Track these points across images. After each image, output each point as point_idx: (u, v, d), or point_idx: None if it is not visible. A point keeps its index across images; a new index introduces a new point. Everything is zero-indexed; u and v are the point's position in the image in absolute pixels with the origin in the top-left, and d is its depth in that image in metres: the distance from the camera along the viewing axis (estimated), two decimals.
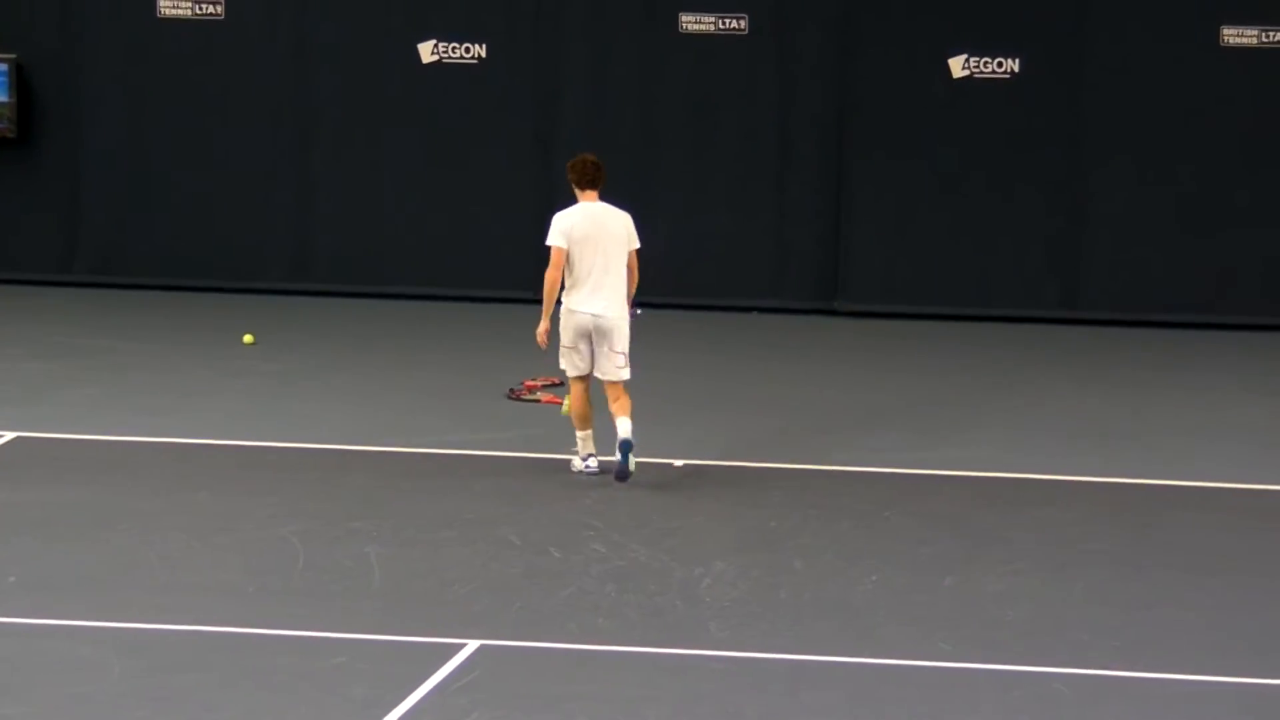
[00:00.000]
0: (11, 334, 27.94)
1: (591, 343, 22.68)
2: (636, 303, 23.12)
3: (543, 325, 22.54)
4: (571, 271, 22.79)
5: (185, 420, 24.76)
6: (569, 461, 23.17)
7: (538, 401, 23.85)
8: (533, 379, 23.85)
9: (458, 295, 26.41)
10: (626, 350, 22.64)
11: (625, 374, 22.68)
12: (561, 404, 23.63)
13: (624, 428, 22.56)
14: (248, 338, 27.17)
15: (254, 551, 21.04)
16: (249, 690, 17.73)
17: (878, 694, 17.90)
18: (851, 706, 17.71)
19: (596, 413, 23.04)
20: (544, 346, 22.71)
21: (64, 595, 19.72)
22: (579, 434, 23.04)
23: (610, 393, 22.74)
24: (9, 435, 23.71)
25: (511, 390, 25.06)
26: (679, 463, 23.29)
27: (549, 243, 22.46)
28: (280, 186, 29.13)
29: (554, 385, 23.92)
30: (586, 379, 22.74)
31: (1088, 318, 28.39)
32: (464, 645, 18.52)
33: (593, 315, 22.72)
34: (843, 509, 22.38)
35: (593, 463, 22.97)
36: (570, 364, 22.77)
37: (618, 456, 22.61)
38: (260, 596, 19.75)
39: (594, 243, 22.76)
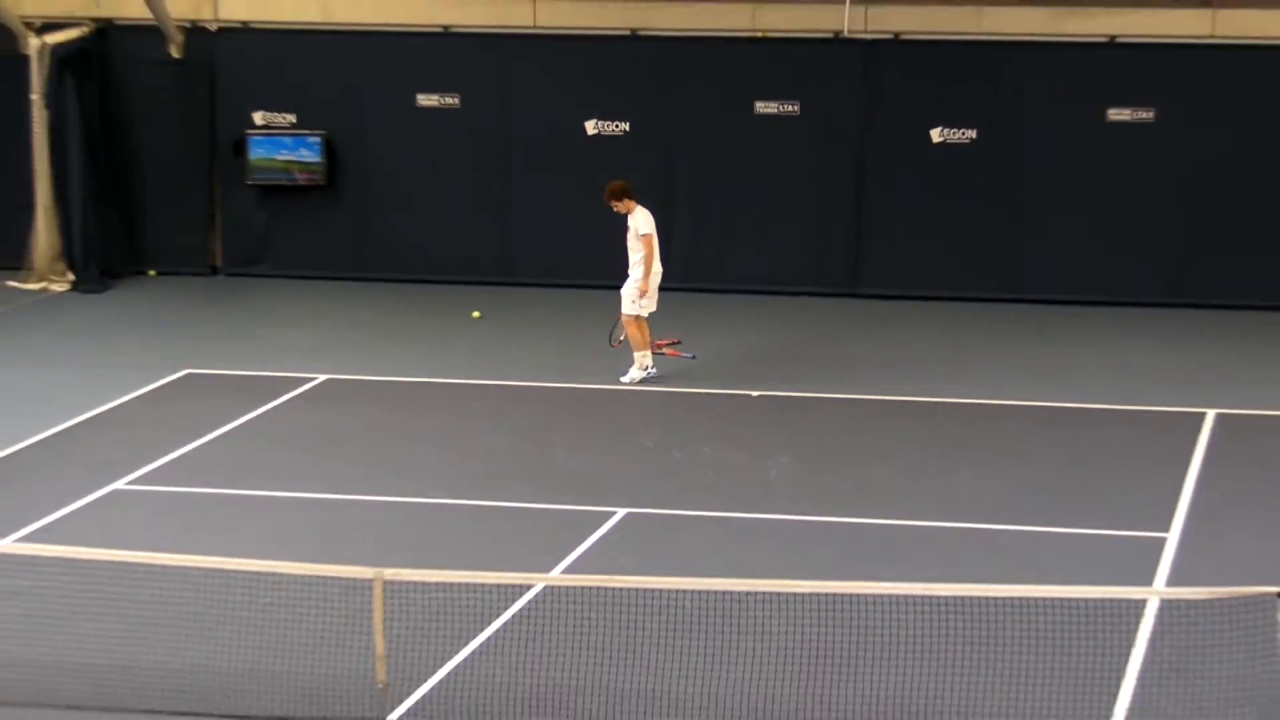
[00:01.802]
0: (324, 312, 28.12)
1: None
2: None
3: (645, 285, 23.19)
4: (652, 238, 23.39)
5: (437, 366, 24.80)
6: (630, 376, 23.67)
7: (663, 354, 23.76)
8: (660, 339, 23.79)
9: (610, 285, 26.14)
10: None
11: None
12: (678, 355, 23.87)
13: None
14: (475, 313, 27.22)
15: (480, 451, 21.43)
16: (475, 543, 18.48)
17: (887, 541, 18.35)
18: (872, 549, 18.24)
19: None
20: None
21: (361, 480, 20.18)
22: (642, 354, 23.57)
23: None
24: (322, 377, 23.91)
25: (658, 344, 24.00)
26: (755, 393, 23.34)
27: (650, 232, 23.26)
28: (492, 211, 28.96)
29: (674, 343, 23.90)
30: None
31: (1018, 296, 27.96)
32: (615, 512, 18.96)
33: (661, 275, 23.47)
34: (867, 424, 22.59)
35: (653, 370, 23.62)
36: (647, 308, 23.35)
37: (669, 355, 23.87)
38: (484, 480, 20.22)
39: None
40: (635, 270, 23.33)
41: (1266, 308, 27.19)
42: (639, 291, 23.29)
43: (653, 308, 23.52)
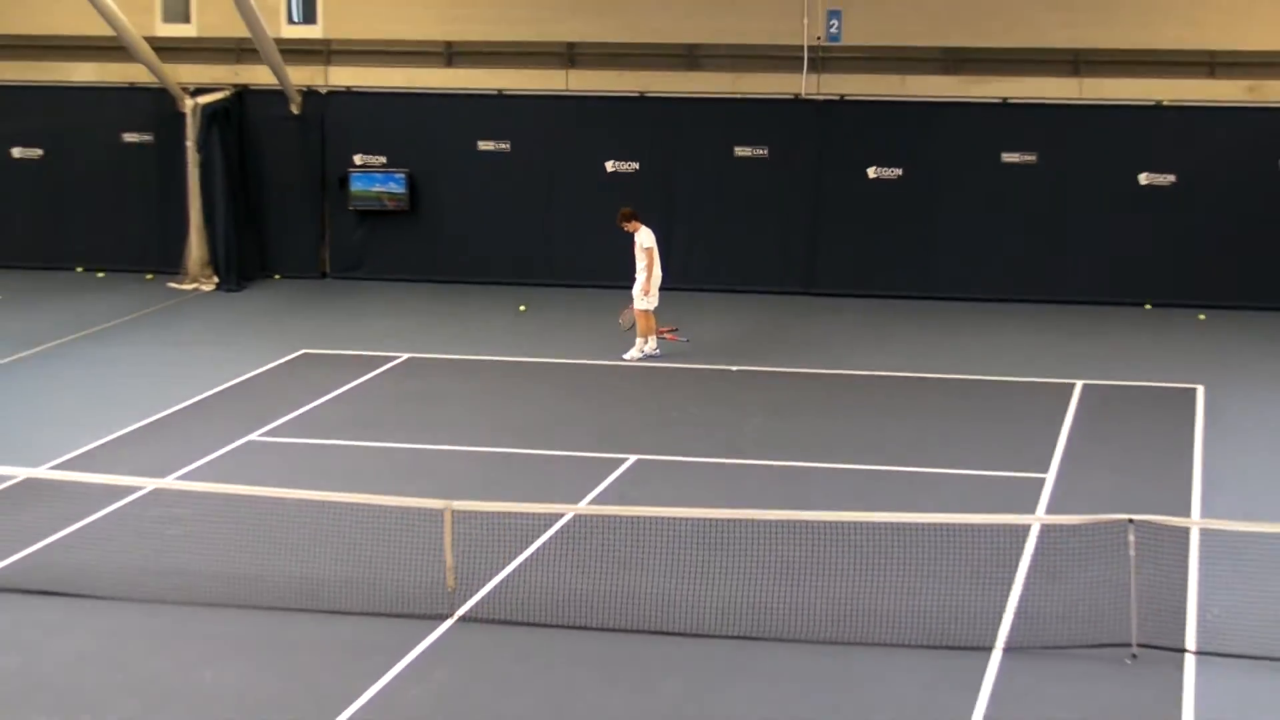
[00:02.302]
0: (407, 306, 27.63)
1: None
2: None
3: (648, 286, 23.34)
4: (654, 250, 23.33)
5: (491, 347, 24.53)
6: (631, 354, 23.41)
7: (664, 338, 23.74)
8: (662, 327, 23.77)
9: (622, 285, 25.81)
10: None
11: None
12: (676, 339, 23.85)
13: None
14: (521, 307, 27.10)
15: (523, 412, 21.43)
16: (520, 481, 18.36)
17: (834, 480, 18.20)
18: (822, 486, 18.10)
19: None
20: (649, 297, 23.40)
21: (435, 433, 20.03)
22: (643, 339, 23.46)
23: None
24: (405, 355, 23.85)
25: (659, 331, 23.71)
26: (734, 368, 23.25)
27: (651, 246, 23.33)
28: (534, 229, 28.65)
29: (674, 330, 23.96)
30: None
31: (934, 295, 27.62)
32: (627, 458, 19.03)
33: (660, 278, 23.46)
34: (819, 391, 22.42)
35: (657, 350, 23.47)
36: (652, 303, 23.28)
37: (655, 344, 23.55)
38: (526, 434, 20.20)
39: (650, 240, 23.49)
40: (640, 275, 23.38)
41: (1121, 303, 27.11)
42: (643, 291, 23.37)
43: (656, 303, 23.56)
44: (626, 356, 23.45)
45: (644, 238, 23.47)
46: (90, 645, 14.02)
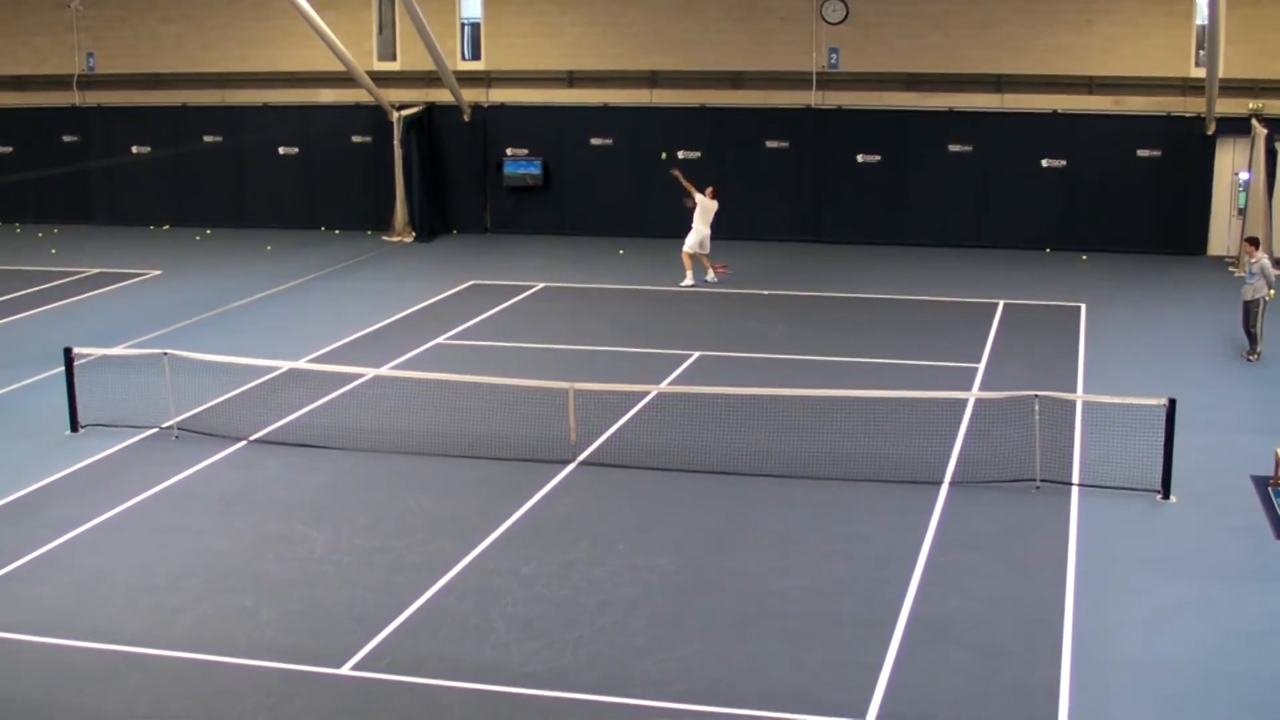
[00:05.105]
0: (543, 252, 27.30)
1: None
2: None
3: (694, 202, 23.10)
4: (706, 215, 22.78)
5: (598, 278, 24.19)
6: (685, 283, 22.99)
7: (719, 272, 23.54)
8: (718, 264, 23.60)
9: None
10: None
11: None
12: (726, 273, 23.61)
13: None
14: (621, 251, 26.80)
15: (619, 322, 21.14)
16: (617, 370, 18.11)
17: (837, 369, 17.84)
18: (828, 372, 17.83)
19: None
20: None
21: (561, 337, 19.78)
22: (691, 271, 23.09)
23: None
24: (540, 285, 23.67)
25: (713, 267, 23.53)
26: (766, 291, 22.99)
27: (707, 205, 22.94)
28: (631, 197, 28.34)
29: (725, 266, 23.76)
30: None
31: (903, 242, 27.18)
32: (692, 354, 18.79)
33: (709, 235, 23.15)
34: (825, 308, 22.00)
35: (715, 280, 23.06)
36: (693, 247, 22.94)
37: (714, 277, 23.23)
38: (620, 337, 20.01)
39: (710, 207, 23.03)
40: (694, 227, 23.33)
41: (1030, 248, 26.76)
42: (695, 235, 23.35)
43: (708, 249, 23.37)
44: (681, 284, 23.26)
45: (703, 200, 23.33)
46: (330, 479, 14.14)
